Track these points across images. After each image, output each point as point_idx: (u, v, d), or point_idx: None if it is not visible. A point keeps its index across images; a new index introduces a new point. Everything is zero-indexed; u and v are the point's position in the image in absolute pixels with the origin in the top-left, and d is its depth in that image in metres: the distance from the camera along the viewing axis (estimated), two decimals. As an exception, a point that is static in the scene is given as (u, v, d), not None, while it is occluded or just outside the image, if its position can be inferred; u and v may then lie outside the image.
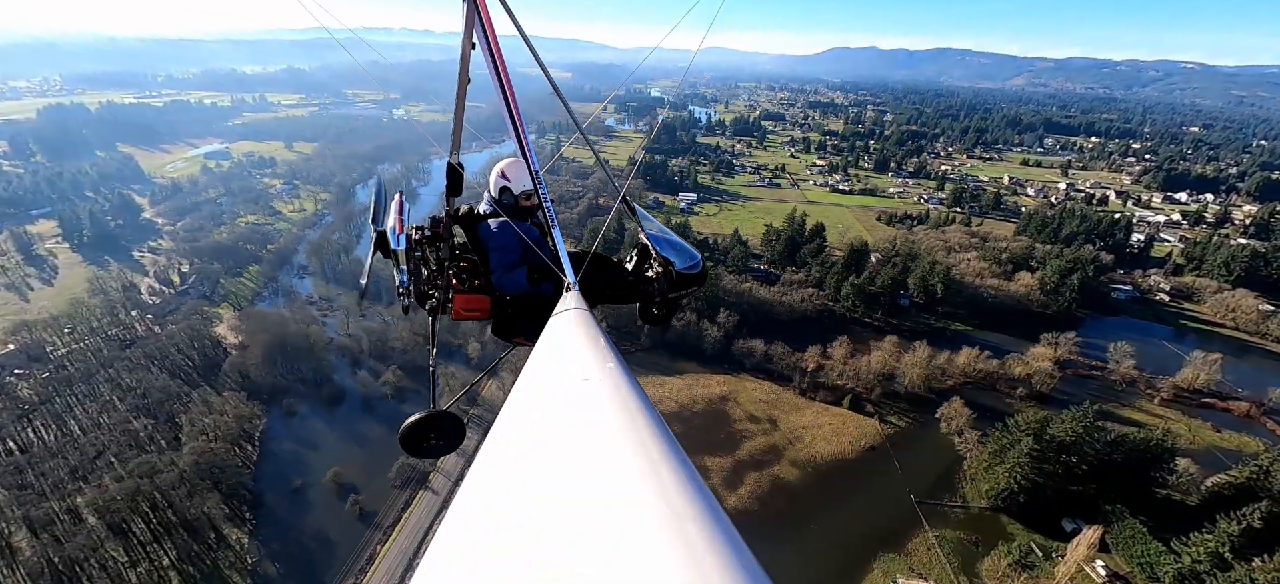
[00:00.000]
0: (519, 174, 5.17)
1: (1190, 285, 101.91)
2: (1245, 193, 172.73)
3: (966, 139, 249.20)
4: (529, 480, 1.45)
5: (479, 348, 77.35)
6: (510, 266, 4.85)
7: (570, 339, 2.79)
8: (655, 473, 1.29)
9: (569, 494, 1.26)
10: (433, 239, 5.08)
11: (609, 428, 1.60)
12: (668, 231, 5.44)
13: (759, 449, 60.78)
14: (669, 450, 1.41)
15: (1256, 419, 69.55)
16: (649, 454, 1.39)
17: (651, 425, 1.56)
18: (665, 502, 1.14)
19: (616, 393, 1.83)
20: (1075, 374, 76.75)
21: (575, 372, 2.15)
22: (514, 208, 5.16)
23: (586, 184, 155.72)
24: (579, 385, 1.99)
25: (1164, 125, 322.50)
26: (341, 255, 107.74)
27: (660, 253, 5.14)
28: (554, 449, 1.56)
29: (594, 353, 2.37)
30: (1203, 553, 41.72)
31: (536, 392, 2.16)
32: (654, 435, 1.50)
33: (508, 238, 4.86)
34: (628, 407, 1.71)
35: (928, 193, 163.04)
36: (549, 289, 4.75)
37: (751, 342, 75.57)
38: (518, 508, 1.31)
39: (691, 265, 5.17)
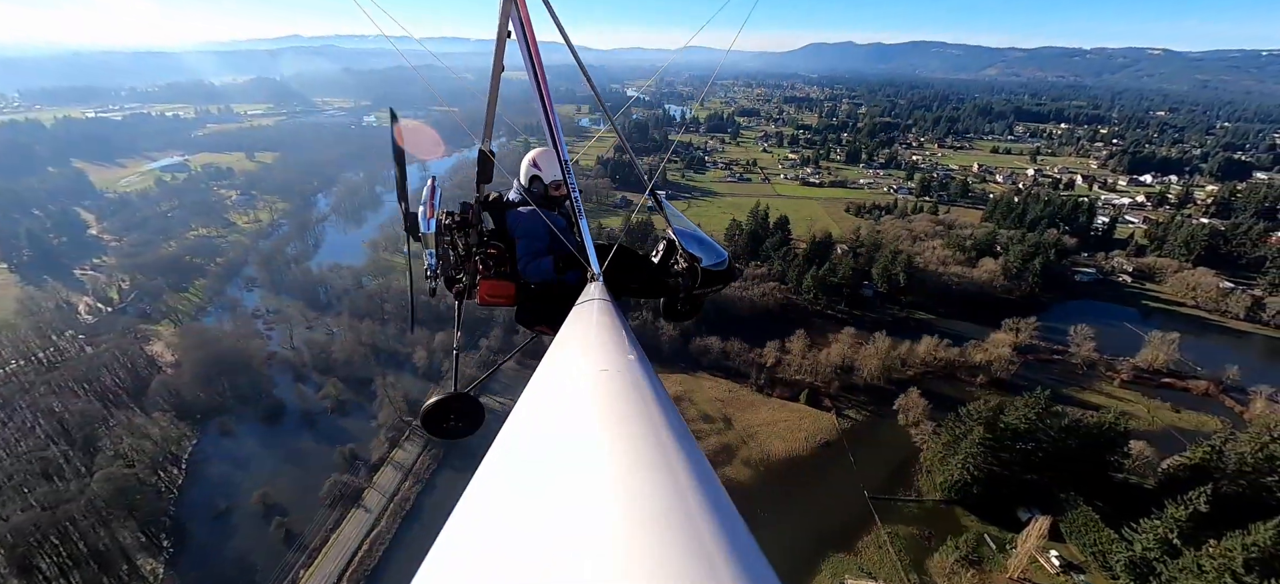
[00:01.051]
0: (549, 163, 5.15)
1: (1152, 266, 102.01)
2: (1208, 173, 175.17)
3: (938, 129, 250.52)
4: (543, 469, 1.44)
5: (426, 356, 74.37)
6: (537, 254, 4.86)
7: (591, 329, 2.85)
8: (669, 468, 1.28)
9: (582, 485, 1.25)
10: (462, 224, 5.01)
11: (624, 420, 1.59)
12: (695, 228, 5.32)
13: (711, 450, 58.59)
14: (683, 446, 1.41)
15: (1215, 397, 69.01)
16: (664, 449, 1.39)
17: (667, 420, 1.56)
18: (678, 497, 1.15)
19: (634, 385, 1.84)
20: (1037, 359, 75.82)
21: (595, 362, 2.17)
22: (543, 197, 5.15)
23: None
24: (598, 376, 1.99)
25: (1131, 111, 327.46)
26: (293, 266, 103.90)
27: (686, 249, 5.04)
28: (569, 439, 1.56)
29: (614, 344, 2.39)
30: (1152, 539, 40.32)
31: (555, 380, 2.17)
32: (669, 430, 1.50)
33: (536, 226, 4.86)
34: (644, 400, 1.70)
35: (898, 183, 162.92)
36: (573, 279, 4.74)
37: (708, 339, 73.45)
38: (531, 496, 1.31)
39: (718, 263, 5.07)
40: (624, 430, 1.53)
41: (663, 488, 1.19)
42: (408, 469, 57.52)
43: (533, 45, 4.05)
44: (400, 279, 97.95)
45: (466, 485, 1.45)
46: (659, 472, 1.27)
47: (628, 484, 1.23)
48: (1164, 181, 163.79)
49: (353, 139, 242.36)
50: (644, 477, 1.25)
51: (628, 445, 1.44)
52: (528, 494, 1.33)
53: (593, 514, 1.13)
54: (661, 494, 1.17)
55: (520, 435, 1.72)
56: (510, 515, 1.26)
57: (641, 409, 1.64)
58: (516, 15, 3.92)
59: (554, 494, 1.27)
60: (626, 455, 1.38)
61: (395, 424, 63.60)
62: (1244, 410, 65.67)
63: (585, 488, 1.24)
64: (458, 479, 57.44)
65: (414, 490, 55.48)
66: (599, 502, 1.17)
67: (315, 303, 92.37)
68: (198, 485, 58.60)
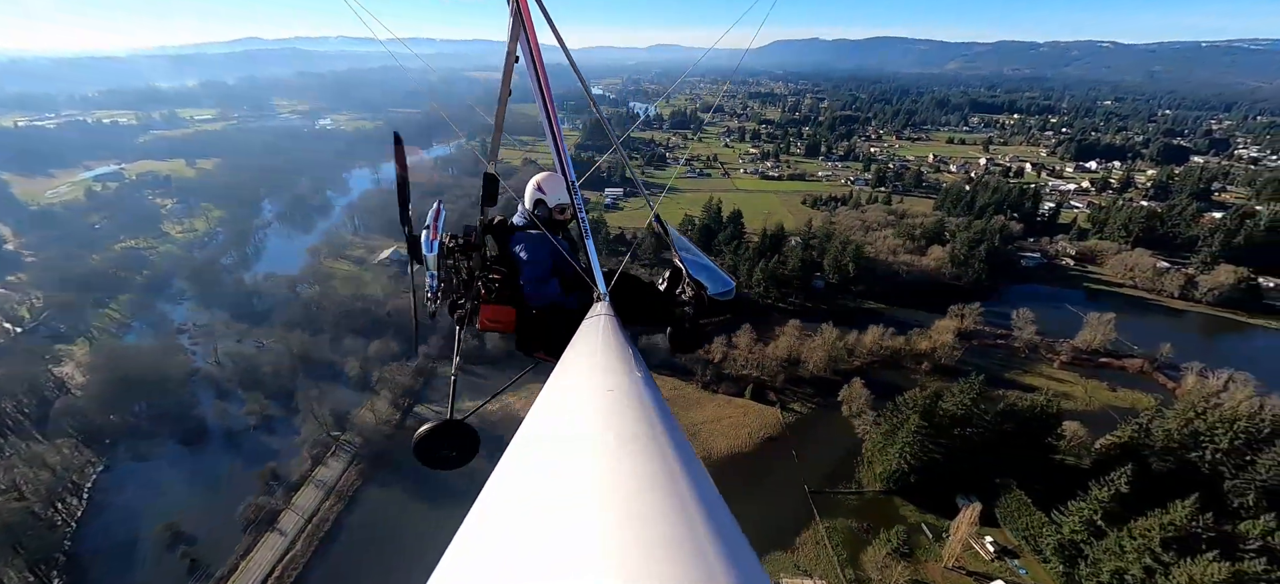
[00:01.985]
0: (554, 187, 5.10)
1: (1093, 249, 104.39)
2: (1148, 159, 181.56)
3: (897, 121, 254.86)
4: (550, 489, 1.43)
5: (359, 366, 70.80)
6: (542, 279, 4.81)
7: (597, 348, 2.83)
8: (674, 487, 1.28)
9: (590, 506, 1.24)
10: (465, 248, 4.95)
11: (631, 441, 1.60)
12: (701, 255, 5.16)
13: (651, 451, 56.94)
14: (688, 465, 1.41)
15: (1149, 375, 70.39)
16: (669, 468, 1.39)
17: (673, 440, 1.56)
18: (685, 521, 1.15)
19: (640, 404, 1.86)
20: (982, 344, 76.35)
21: (601, 381, 2.20)
22: (548, 220, 5.09)
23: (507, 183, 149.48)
24: (604, 395, 2.01)
25: (1081, 100, 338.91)
26: (224, 276, 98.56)
27: (693, 276, 4.89)
28: (576, 459, 1.56)
29: (620, 362, 2.39)
30: (1078, 522, 40.09)
31: (562, 399, 2.19)
32: (676, 451, 1.50)
33: (540, 250, 4.83)
34: (650, 418, 1.72)
35: (855, 175, 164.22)
36: (575, 303, 4.74)
37: (654, 336, 71.52)
38: (537, 516, 1.31)
39: (724, 291, 4.88)
40: (630, 451, 1.52)
41: (670, 511, 1.18)
42: (330, 487, 54.29)
43: (541, 69, 4.02)
44: (340, 286, 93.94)
45: (384, 503, 1.37)
46: (666, 494, 1.26)
47: (635, 506, 1.22)
48: (1108, 167, 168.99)
49: (304, 143, 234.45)
50: (651, 499, 1.24)
51: (635, 466, 1.43)
52: (534, 514, 1.32)
53: (600, 535, 1.12)
54: (669, 517, 1.16)
55: (527, 454, 1.71)
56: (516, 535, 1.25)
57: (648, 430, 1.62)
58: (525, 42, 3.93)
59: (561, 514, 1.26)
60: (634, 477, 1.37)
61: (321, 440, 60.15)
62: (1176, 387, 67.03)
63: (593, 509, 1.23)
64: (384, 495, 54.54)
65: (335, 510, 52.31)
66: (606, 523, 1.17)
67: (246, 314, 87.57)
68: (101, 516, 54.30)
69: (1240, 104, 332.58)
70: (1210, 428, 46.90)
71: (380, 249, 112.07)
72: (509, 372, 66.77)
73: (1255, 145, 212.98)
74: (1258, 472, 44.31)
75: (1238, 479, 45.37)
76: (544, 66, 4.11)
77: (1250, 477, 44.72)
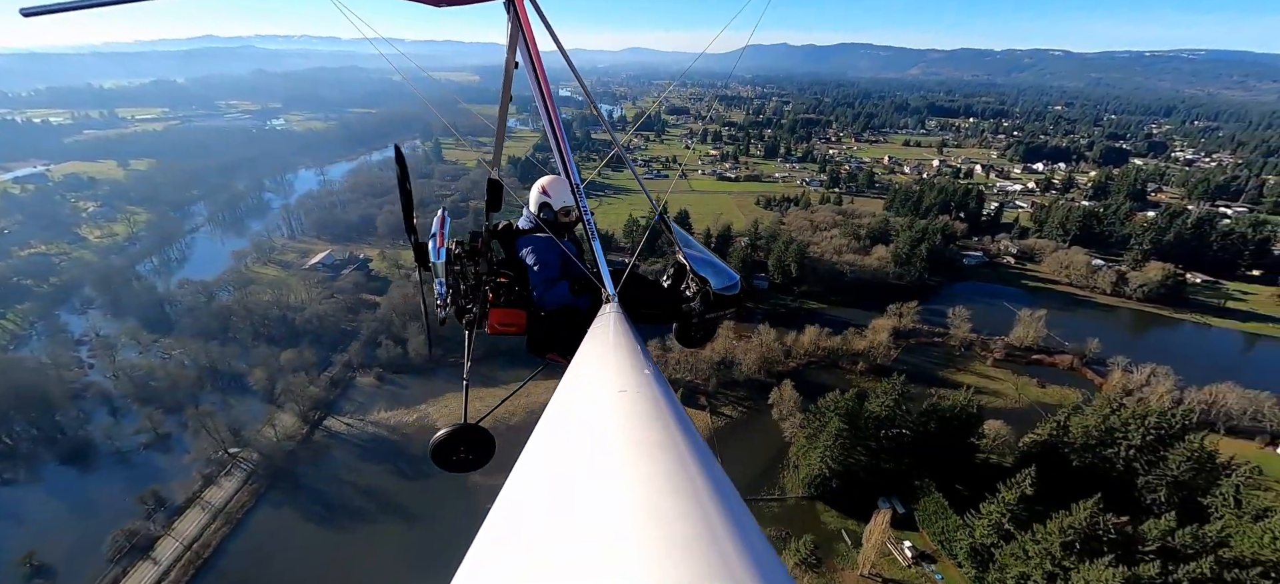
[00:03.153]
0: (559, 190, 5.14)
1: (1033, 247, 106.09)
2: (1091, 161, 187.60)
3: (857, 124, 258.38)
4: (565, 491, 1.44)
5: (265, 377, 66.13)
6: (550, 282, 4.85)
7: (608, 349, 2.83)
8: (691, 486, 1.29)
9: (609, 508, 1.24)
10: (472, 253, 4.95)
11: (645, 439, 1.62)
12: (705, 251, 5.17)
13: (571, 460, 54.30)
14: (704, 463, 1.42)
15: (1078, 370, 71.00)
16: (685, 467, 1.40)
17: (688, 440, 1.57)
18: (703, 519, 1.15)
19: (653, 404, 1.87)
20: (918, 343, 76.05)
21: (613, 382, 2.17)
22: (553, 223, 5.14)
23: (456, 185, 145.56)
24: (616, 396, 2.01)
25: (1032, 105, 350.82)
26: (135, 283, 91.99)
27: (697, 272, 4.95)
28: (590, 460, 1.57)
29: (632, 364, 2.40)
30: (987, 525, 39.01)
31: (574, 401, 2.19)
32: (689, 448, 1.51)
33: (548, 253, 4.90)
34: (663, 418, 1.74)
35: (811, 176, 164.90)
36: (586, 304, 4.77)
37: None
38: (553, 518, 1.31)
39: (729, 286, 4.90)
40: (647, 452, 1.52)
41: (689, 510, 1.18)
42: (218, 510, 49.91)
43: (541, 74, 4.05)
44: (265, 292, 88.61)
45: (258, 523, 1.31)
46: (684, 494, 1.26)
47: (654, 506, 1.22)
48: (1053, 169, 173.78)
49: (252, 143, 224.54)
50: (670, 499, 1.24)
51: (652, 467, 1.43)
52: (553, 516, 1.32)
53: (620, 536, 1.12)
54: (688, 516, 1.16)
55: (543, 457, 1.72)
56: (536, 538, 1.25)
57: (663, 430, 1.63)
58: (524, 46, 3.94)
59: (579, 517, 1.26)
60: (651, 477, 1.37)
61: (217, 458, 55.58)
62: (1102, 382, 67.68)
63: (612, 510, 1.24)
64: (276, 517, 50.44)
65: (219, 534, 48.01)
66: (626, 523, 1.17)
67: (157, 323, 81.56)
68: (-46, 549, 48.72)
69: (1178, 110, 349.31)
70: (1124, 424, 46.65)
71: (313, 253, 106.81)
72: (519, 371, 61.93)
73: (1191, 148, 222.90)
74: (1168, 468, 44.12)
75: (1150, 476, 45.16)
76: (544, 71, 4.06)
77: (1162, 473, 44.52)
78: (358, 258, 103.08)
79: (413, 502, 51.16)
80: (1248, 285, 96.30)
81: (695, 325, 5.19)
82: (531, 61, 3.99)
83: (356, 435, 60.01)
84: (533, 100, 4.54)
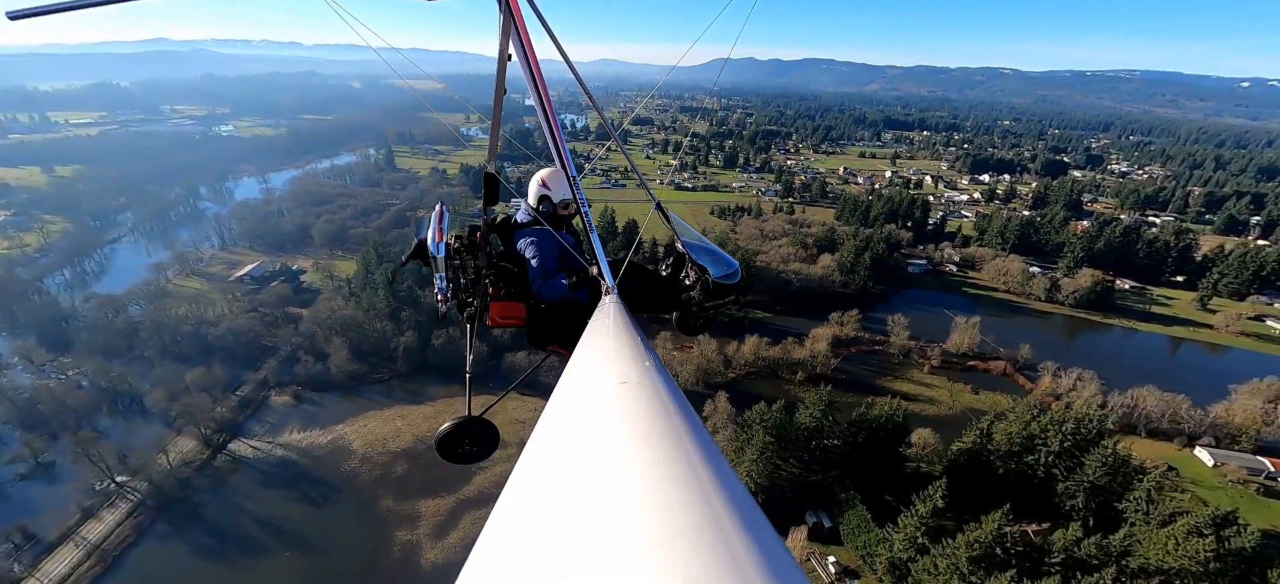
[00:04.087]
0: (558, 183, 5.13)
1: (974, 255, 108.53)
2: (1034, 172, 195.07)
3: (815, 136, 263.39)
4: (569, 484, 1.44)
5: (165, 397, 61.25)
6: (549, 274, 4.88)
7: (609, 342, 2.84)
8: (695, 476, 1.30)
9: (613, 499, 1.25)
10: (470, 248, 5.02)
11: (647, 430, 1.63)
12: (704, 239, 5.22)
13: (491, 481, 51.53)
14: (707, 454, 1.43)
15: (1011, 376, 72.03)
16: (688, 457, 1.40)
17: (691, 431, 1.58)
18: (708, 509, 1.15)
19: (655, 396, 1.88)
20: (859, 351, 76.11)
21: (614, 375, 2.19)
22: (552, 216, 5.14)
23: (404, 192, 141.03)
24: (617, 388, 2.01)
25: (982, 120, 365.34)
26: (36, 296, 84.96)
27: (696, 261, 4.98)
28: (593, 453, 1.58)
29: (632, 356, 2.40)
30: (904, 539, 38.20)
31: (576, 395, 2.19)
32: (692, 438, 1.52)
33: (547, 246, 4.91)
34: (666, 410, 1.75)
35: (767, 186, 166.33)
36: (585, 296, 4.79)
37: (518, 354, 66.65)
38: (558, 511, 1.32)
39: (728, 274, 4.94)
40: (650, 443, 1.53)
41: (693, 500, 1.18)
42: (95, 546, 45.27)
43: (535, 68, 4.03)
44: (183, 306, 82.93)
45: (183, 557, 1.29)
46: (688, 484, 1.26)
47: (658, 497, 1.23)
48: (998, 179, 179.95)
49: (193, 149, 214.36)
50: (674, 489, 1.24)
51: (654, 458, 1.43)
52: (558, 509, 1.33)
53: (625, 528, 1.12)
54: (692, 506, 1.16)
55: (546, 451, 1.73)
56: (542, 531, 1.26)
57: (665, 421, 1.64)
58: (517, 38, 3.91)
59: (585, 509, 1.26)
60: (654, 468, 1.38)
61: (99, 488, 50.72)
62: (1033, 387, 68.71)
63: (616, 502, 1.24)
64: (160, 552, 46.09)
65: (92, 573, 43.47)
66: (631, 515, 1.17)
67: (56, 341, 75.21)
68: None
69: (1115, 125, 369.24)
70: (1043, 430, 46.84)
71: (243, 264, 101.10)
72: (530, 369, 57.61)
73: (1125, 161, 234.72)
74: (1085, 473, 44.32)
75: (1069, 482, 45.32)
76: (537, 63, 3.97)
77: (1079, 478, 44.71)
78: (290, 269, 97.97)
79: (316, 531, 47.53)
80: (1171, 291, 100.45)
81: (694, 313, 5.18)
82: (525, 53, 3.89)
83: (263, 459, 55.84)
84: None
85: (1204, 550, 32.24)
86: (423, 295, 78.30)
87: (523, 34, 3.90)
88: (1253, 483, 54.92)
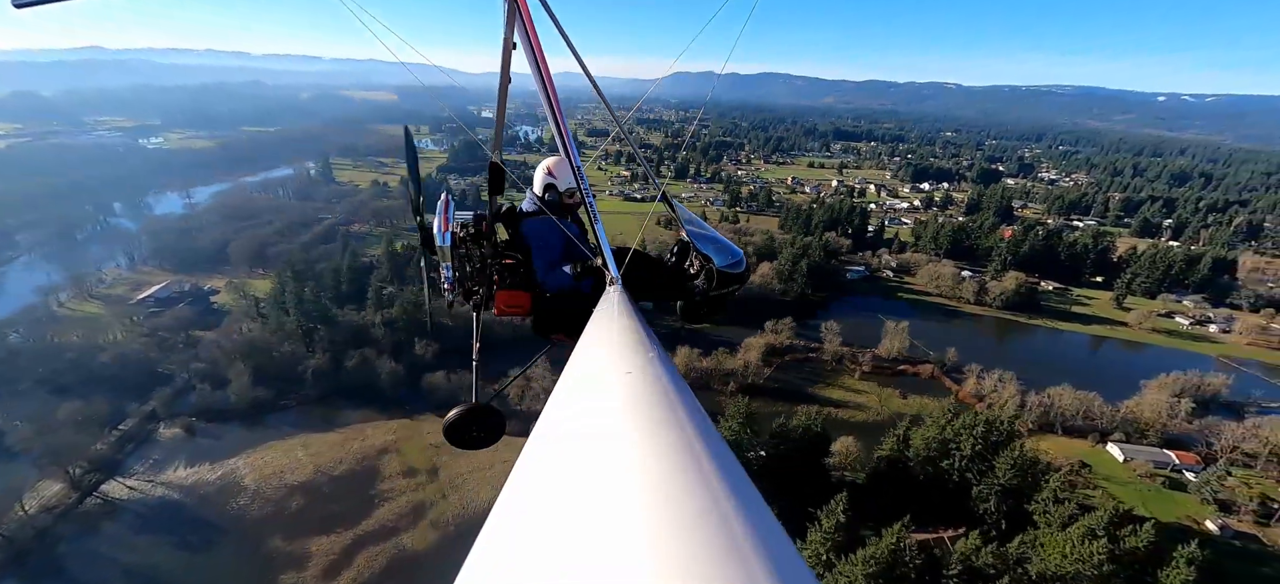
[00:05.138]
0: (563, 171, 5.17)
1: (910, 261, 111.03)
2: (970, 180, 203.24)
3: (767, 147, 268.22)
4: (573, 474, 1.45)
5: (37, 434, 55.12)
6: (554, 263, 4.94)
7: (613, 332, 2.83)
8: (698, 467, 1.30)
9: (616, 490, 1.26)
10: (476, 236, 5.05)
11: (651, 420, 1.63)
12: (708, 228, 5.19)
13: (395, 513, 48.07)
14: (711, 444, 1.43)
15: (939, 379, 73.01)
16: (692, 448, 1.41)
17: (695, 421, 1.59)
18: (712, 499, 1.15)
19: (659, 386, 1.87)
20: (793, 359, 75.84)
21: (618, 365, 2.16)
22: (557, 205, 5.15)
23: (335, 208, 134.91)
24: (622, 378, 1.99)
25: (927, 131, 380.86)
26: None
27: (700, 250, 5.04)
28: (600, 444, 1.57)
29: (636, 346, 2.37)
30: (809, 556, 37.04)
31: (580, 385, 2.16)
32: (697, 429, 1.53)
33: (551, 235, 4.95)
34: (670, 400, 1.74)
35: (716, 196, 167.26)
36: (589, 286, 4.82)
37: (436, 375, 63.29)
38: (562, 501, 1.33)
39: (733, 263, 5.00)
40: (654, 433, 1.53)
41: (696, 490, 1.19)
42: None
43: (540, 56, 4.02)
44: (76, 332, 75.77)
45: None
46: (691, 474, 1.27)
47: (662, 487, 1.23)
48: (937, 187, 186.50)
49: (116, 163, 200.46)
50: (678, 480, 1.25)
51: (658, 448, 1.44)
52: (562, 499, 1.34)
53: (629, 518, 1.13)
54: (696, 496, 1.16)
55: (550, 442, 1.73)
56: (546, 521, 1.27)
57: (669, 411, 1.64)
58: (522, 26, 3.91)
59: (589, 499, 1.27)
60: (658, 458, 1.38)
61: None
62: (959, 389, 69.73)
63: (620, 492, 1.25)
64: (-2, 614, 40.65)
65: (-91, 646, 37.84)
66: (634, 505, 1.17)
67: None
68: None
69: (1047, 136, 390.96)
70: (957, 434, 46.87)
71: (150, 285, 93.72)
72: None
73: (1054, 169, 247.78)
74: (997, 476, 44.39)
75: (981, 485, 45.33)
76: (542, 52, 4.03)
77: (991, 482, 44.75)
78: (201, 290, 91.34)
79: (188, 581, 42.95)
80: (1091, 291, 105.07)
81: (698, 302, 5.23)
82: (530, 42, 3.89)
83: (140, 501, 50.57)
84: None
85: (1098, 553, 32.21)
86: (340, 313, 74.02)
87: (527, 22, 3.85)
88: (1159, 476, 56.75)
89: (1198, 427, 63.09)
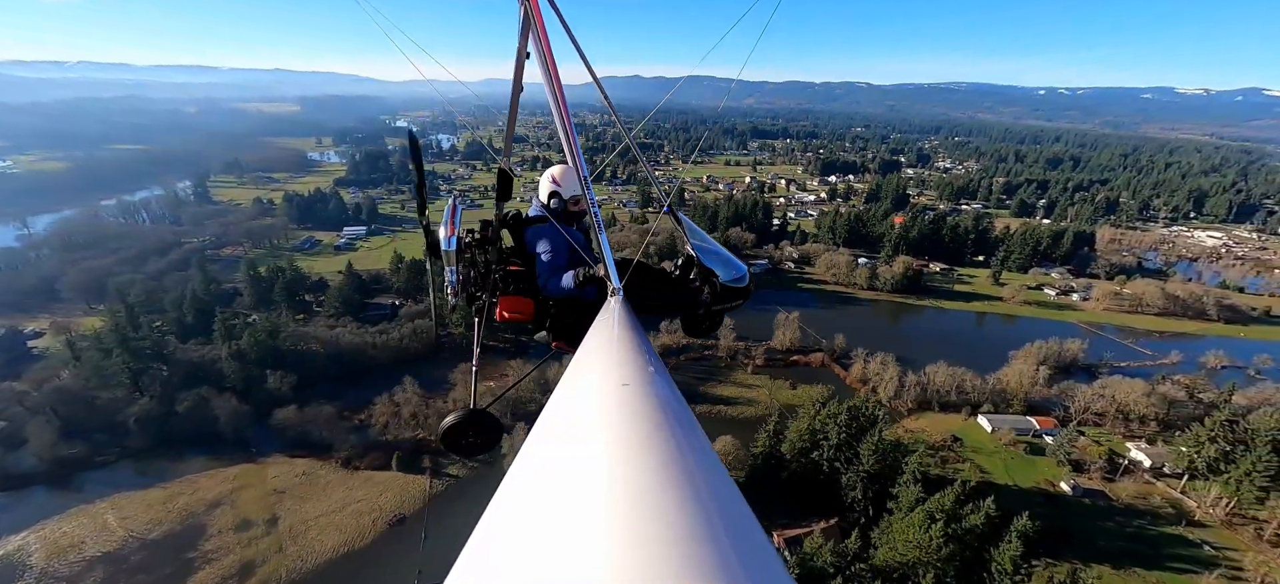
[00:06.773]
0: (569, 179, 5.18)
1: (810, 252, 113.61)
2: (873, 172, 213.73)
3: (686, 147, 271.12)
4: (567, 487, 1.44)
5: None
6: (557, 270, 4.93)
7: (612, 344, 2.83)
8: (690, 482, 1.31)
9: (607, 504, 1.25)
10: (481, 242, 5.06)
11: (645, 434, 1.63)
12: (713, 242, 5.23)
13: (216, 577, 41.64)
14: (704, 461, 1.46)
15: (829, 367, 73.95)
16: (685, 463, 1.42)
17: (689, 437, 1.61)
18: (700, 511, 1.16)
19: (655, 399, 1.89)
20: (688, 359, 74.48)
21: (615, 376, 2.19)
22: (562, 213, 5.17)
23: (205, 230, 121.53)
24: (618, 390, 2.01)
25: (838, 128, 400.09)
26: None
27: (704, 264, 5.05)
28: (593, 456, 1.56)
29: (635, 358, 2.40)
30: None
31: (576, 395, 2.19)
32: (691, 444, 1.55)
33: (555, 242, 4.96)
34: (666, 413, 1.76)
35: (630, 197, 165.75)
36: (592, 294, 4.83)
37: (288, 410, 56.58)
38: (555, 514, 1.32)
39: (737, 278, 5.00)
40: (648, 447, 1.53)
41: (686, 505, 1.20)
42: None
43: (552, 66, 4.08)
44: None
45: None
46: (682, 489, 1.27)
47: (652, 501, 1.23)
48: (843, 180, 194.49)
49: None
50: (668, 494, 1.25)
51: (650, 462, 1.44)
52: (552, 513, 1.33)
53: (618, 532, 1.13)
54: (686, 511, 1.17)
55: (543, 452, 1.74)
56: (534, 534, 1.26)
57: (664, 426, 1.65)
58: (536, 37, 3.98)
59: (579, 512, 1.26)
60: (648, 473, 1.38)
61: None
62: (846, 375, 70.80)
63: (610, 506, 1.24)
64: None
65: None
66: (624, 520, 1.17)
67: None
68: None
69: (944, 128, 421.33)
70: (824, 424, 46.49)
71: (-49, 331, 79.29)
72: None
73: (949, 159, 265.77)
74: (862, 464, 44.17)
75: (849, 473, 45.03)
76: (556, 65, 4.12)
77: (858, 469, 44.50)
78: (19, 333, 78.30)
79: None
80: (973, 270, 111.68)
81: (701, 316, 5.23)
82: (543, 51, 3.94)
83: None
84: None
85: (936, 537, 31.96)
86: (176, 349, 65.20)
87: (541, 32, 3.86)
88: (1021, 442, 59.47)
89: (1056, 391, 67.11)
